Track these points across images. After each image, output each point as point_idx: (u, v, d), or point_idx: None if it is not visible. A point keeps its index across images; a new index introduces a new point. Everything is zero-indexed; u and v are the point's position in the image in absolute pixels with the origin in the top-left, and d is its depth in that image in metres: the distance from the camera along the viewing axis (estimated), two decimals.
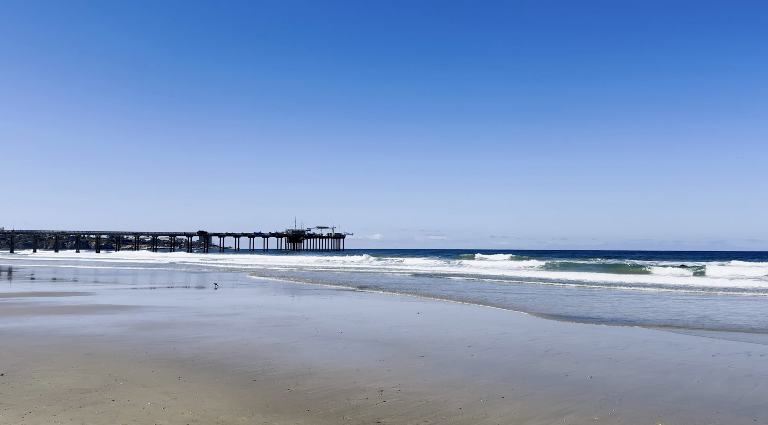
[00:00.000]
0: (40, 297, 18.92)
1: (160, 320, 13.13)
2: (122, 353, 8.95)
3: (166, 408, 5.92)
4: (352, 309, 16.41)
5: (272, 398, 6.39)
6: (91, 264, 59.20)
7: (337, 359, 8.72)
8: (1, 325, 11.80)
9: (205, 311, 15.23)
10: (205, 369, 7.82)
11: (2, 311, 14.52)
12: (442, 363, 8.49)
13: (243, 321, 13.19)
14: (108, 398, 6.24)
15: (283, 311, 15.56)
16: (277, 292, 22.72)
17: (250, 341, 10.30)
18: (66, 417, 5.52)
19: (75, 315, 13.96)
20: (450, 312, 15.61)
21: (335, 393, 6.67)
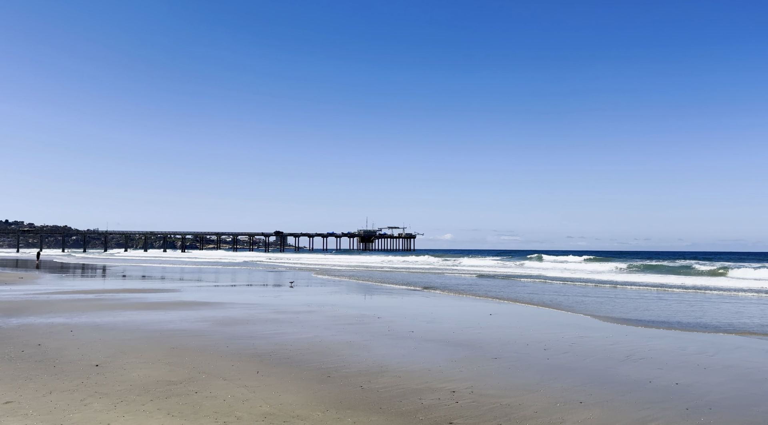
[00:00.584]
0: (131, 294, 20.18)
1: (239, 316, 13.67)
2: (205, 347, 9.38)
3: (246, 401, 6.15)
4: (422, 309, 16.39)
5: (345, 394, 6.49)
6: (175, 263, 62.55)
7: (408, 358, 8.73)
8: (96, 319, 12.69)
9: (282, 308, 15.70)
10: (281, 365, 8.06)
11: (97, 306, 15.61)
12: (516, 366, 8.30)
13: (317, 318, 13.48)
14: (191, 390, 6.57)
15: (355, 310, 15.77)
16: (349, 291, 23.06)
17: (324, 338, 10.51)
18: (153, 407, 5.86)
19: (162, 310, 14.78)
20: (523, 315, 15.25)
21: (407, 392, 6.68)
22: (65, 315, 13.35)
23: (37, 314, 13.41)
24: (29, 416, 5.42)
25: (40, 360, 8.05)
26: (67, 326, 11.45)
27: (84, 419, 5.38)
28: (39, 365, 7.71)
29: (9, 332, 10.55)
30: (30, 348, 8.95)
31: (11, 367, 7.52)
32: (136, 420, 5.37)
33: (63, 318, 12.64)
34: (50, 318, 12.74)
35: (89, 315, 13.47)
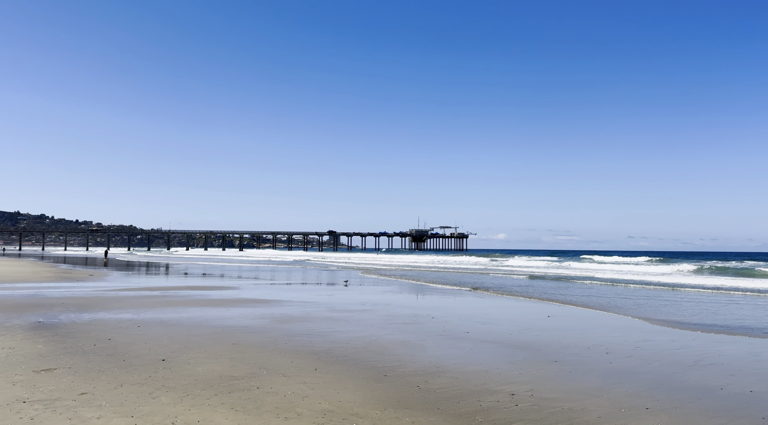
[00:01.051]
0: (193, 291, 20.91)
1: (296, 314, 13.92)
2: (264, 344, 9.60)
3: (305, 397, 6.25)
4: (476, 309, 16.20)
5: (403, 394, 6.50)
6: (232, 262, 64.37)
7: (465, 359, 8.65)
8: (161, 316, 13.21)
9: (336, 307, 15.88)
10: (338, 363, 8.15)
11: (162, 303, 16.25)
12: (577, 370, 8.08)
13: (371, 317, 13.56)
14: (253, 385, 6.73)
15: (409, 309, 15.76)
16: (401, 291, 23.08)
17: (380, 337, 10.55)
18: (218, 401, 6.04)
19: (223, 307, 15.24)
20: (581, 317, 14.82)
21: (464, 393, 6.62)
22: (132, 311, 13.97)
23: (107, 310, 14.09)
24: (103, 407, 5.70)
25: (111, 354, 8.45)
26: (134, 321, 11.98)
27: (153, 411, 5.60)
28: (110, 359, 8.09)
29: (82, 327, 11.13)
30: (101, 342, 9.41)
31: (85, 360, 7.93)
32: (201, 414, 5.55)
33: (130, 314, 13.23)
34: (119, 313, 13.36)
35: (155, 311, 14.04)
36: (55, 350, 8.59)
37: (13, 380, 6.66)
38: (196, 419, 5.39)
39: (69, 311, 13.59)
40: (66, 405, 5.70)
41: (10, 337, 9.63)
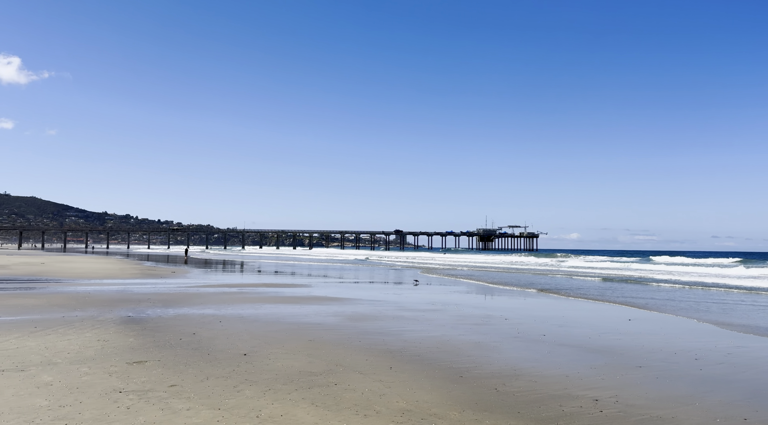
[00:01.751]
0: (267, 288, 21.56)
1: (367, 312, 14.05)
2: (339, 341, 9.75)
3: (382, 396, 6.28)
4: (551, 311, 15.74)
5: (480, 396, 6.40)
6: (302, 260, 65.88)
7: (542, 362, 8.42)
8: (240, 311, 13.70)
9: (406, 306, 15.90)
10: (412, 362, 8.14)
11: (240, 299, 16.86)
12: (664, 376, 7.67)
13: (442, 317, 13.47)
14: (331, 382, 6.84)
15: (480, 310, 15.54)
16: (470, 291, 22.79)
17: (452, 337, 10.46)
18: (298, 396, 6.18)
19: (297, 305, 15.62)
20: (665, 322, 14.07)
21: (545, 397, 6.43)
22: (213, 306, 14.57)
23: (190, 305, 14.78)
24: (191, 399, 5.96)
25: (196, 348, 8.84)
26: (216, 317, 12.49)
27: (238, 404, 5.81)
28: (195, 352, 8.47)
29: (168, 321, 11.72)
30: (186, 336, 9.87)
31: (172, 353, 8.34)
32: (284, 408, 5.70)
33: (212, 310, 13.81)
34: (201, 309, 13.97)
35: (234, 307, 14.58)
36: (145, 343, 9.09)
37: (109, 371, 7.10)
38: (279, 413, 5.54)
39: (155, 306, 14.36)
40: (158, 396, 6.01)
41: (104, 330, 10.27)
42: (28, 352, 8.09)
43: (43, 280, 23.58)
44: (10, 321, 11.04)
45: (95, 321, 11.28)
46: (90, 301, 15.16)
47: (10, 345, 8.55)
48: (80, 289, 19.20)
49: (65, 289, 19.17)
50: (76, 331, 10.03)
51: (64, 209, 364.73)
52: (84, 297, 16.19)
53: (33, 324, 10.78)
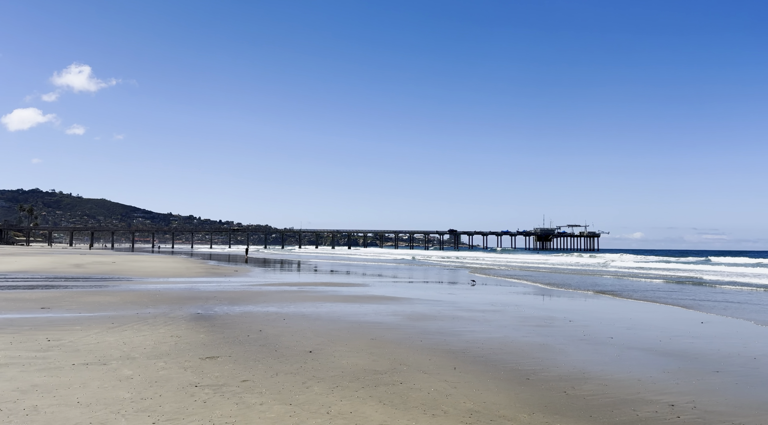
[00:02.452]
0: (326, 287, 21.90)
1: (427, 312, 14.04)
2: (400, 340, 9.79)
3: (449, 396, 6.27)
4: (616, 313, 15.24)
5: (549, 399, 6.28)
6: (355, 260, 66.46)
7: (612, 366, 8.17)
8: (302, 310, 13.98)
9: (465, 306, 15.78)
10: (476, 363, 8.08)
11: (301, 298, 17.20)
12: (745, 382, 7.30)
13: (503, 318, 13.29)
14: (396, 380, 6.89)
15: (542, 311, 15.23)
16: (529, 292, 22.36)
17: (515, 339, 10.31)
18: (365, 394, 6.26)
19: (356, 303, 15.79)
20: (740, 325, 13.35)
21: (617, 401, 6.25)
22: (276, 304, 14.94)
23: (254, 303, 15.21)
24: (263, 394, 6.14)
25: (264, 344, 9.09)
26: (280, 315, 12.80)
27: (308, 400, 5.94)
28: (263, 349, 8.71)
29: (235, 318, 12.11)
30: (253, 333, 10.17)
31: (242, 349, 8.62)
32: (352, 405, 5.79)
33: (275, 308, 14.16)
34: (265, 307, 14.35)
35: (296, 305, 14.90)
36: (215, 339, 9.43)
37: (184, 366, 7.41)
38: (348, 410, 5.63)
39: (222, 304, 14.86)
40: (232, 391, 6.23)
41: (176, 327, 10.72)
42: (107, 347, 8.55)
43: (116, 279, 24.84)
44: (89, 318, 11.70)
45: (167, 318, 11.79)
46: (160, 299, 15.86)
47: (91, 340, 9.06)
48: (150, 287, 20.11)
49: (136, 287, 20.13)
50: (150, 327, 10.52)
51: (132, 211, 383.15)
52: (155, 295, 16.95)
53: (110, 320, 11.38)
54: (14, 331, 9.66)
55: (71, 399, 5.73)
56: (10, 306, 13.45)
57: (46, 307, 13.27)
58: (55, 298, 15.40)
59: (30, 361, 7.40)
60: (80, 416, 5.23)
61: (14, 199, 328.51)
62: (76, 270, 30.25)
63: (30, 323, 10.69)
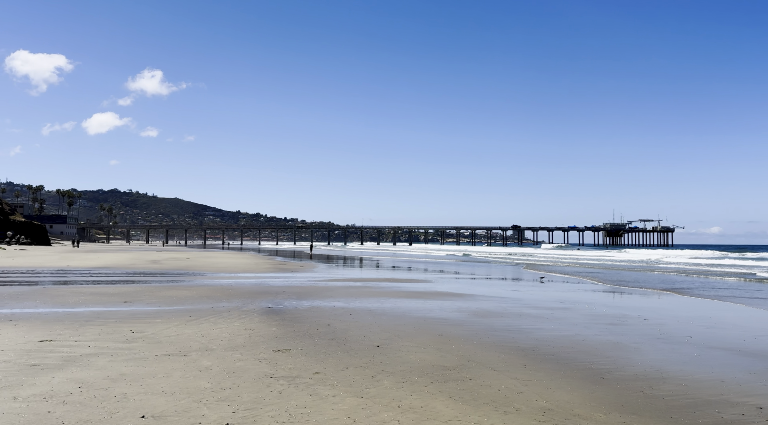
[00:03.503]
0: (389, 283, 22.05)
1: (493, 309, 13.89)
2: (467, 337, 9.75)
3: (520, 393, 6.20)
4: (694, 312, 14.51)
5: (626, 398, 6.09)
6: (416, 257, 66.43)
7: (691, 366, 7.81)
8: (368, 305, 14.16)
9: (532, 303, 15.48)
10: (547, 361, 7.93)
11: (366, 293, 17.42)
12: None
13: (573, 316, 12.96)
14: (465, 377, 6.87)
15: (614, 309, 14.73)
16: (598, 289, 21.64)
17: (587, 337, 10.04)
18: (435, 389, 6.28)
19: (420, 299, 15.83)
20: None
21: (699, 403, 5.98)
22: (342, 300, 15.20)
23: (321, 298, 15.54)
24: (335, 386, 6.29)
25: (332, 338, 9.29)
26: (346, 309, 13.03)
27: (379, 394, 6.03)
28: (332, 342, 8.91)
29: (304, 313, 12.43)
30: (322, 327, 10.40)
31: (312, 343, 8.84)
32: (423, 400, 5.83)
33: (341, 303, 14.42)
34: (331, 302, 14.64)
35: (361, 300, 15.11)
36: (287, 333, 9.72)
37: (259, 357, 7.69)
38: (419, 404, 5.67)
39: (290, 298, 15.28)
40: (305, 383, 6.41)
41: (249, 320, 11.12)
42: (187, 339, 8.99)
43: (190, 274, 26.01)
44: (169, 311, 12.32)
45: (240, 312, 12.25)
46: (233, 293, 16.49)
47: (171, 333, 9.54)
48: (223, 282, 20.93)
49: (210, 282, 21.00)
50: (225, 321, 10.96)
51: (203, 209, 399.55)
52: (227, 290, 17.64)
53: (188, 313, 11.94)
54: (101, 323, 10.33)
55: (157, 388, 6.08)
56: (96, 300, 14.37)
57: (128, 301, 14.09)
58: (136, 293, 16.32)
59: (117, 352, 7.89)
60: (165, 404, 5.54)
61: (95, 199, 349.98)
62: (153, 266, 31.90)
63: (115, 316, 11.39)
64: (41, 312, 11.82)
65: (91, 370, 6.76)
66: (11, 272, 25.12)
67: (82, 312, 11.78)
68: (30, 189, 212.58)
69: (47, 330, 9.43)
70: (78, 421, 4.97)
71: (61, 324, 10.08)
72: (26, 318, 10.88)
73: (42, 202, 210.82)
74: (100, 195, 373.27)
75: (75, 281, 20.70)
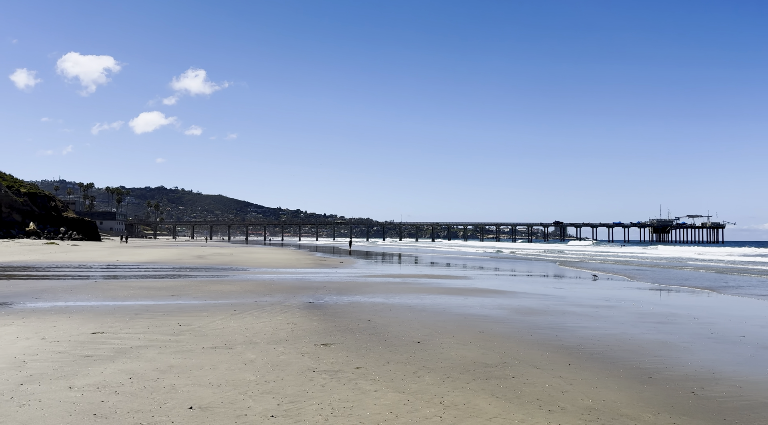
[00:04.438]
0: (428, 279, 21.99)
1: (535, 306, 13.67)
2: (509, 334, 9.63)
3: (565, 392, 6.09)
4: (747, 310, 13.94)
5: (676, 399, 5.90)
6: (456, 252, 65.99)
7: (746, 366, 7.51)
8: (407, 301, 14.16)
9: (575, 301, 15.17)
10: (592, 360, 7.76)
11: (405, 289, 17.42)
12: None
13: (619, 314, 12.64)
14: (508, 374, 6.79)
15: (662, 307, 14.29)
16: (644, 286, 21.03)
17: (634, 336, 9.77)
18: (477, 386, 6.23)
19: (460, 296, 15.72)
20: None
21: (755, 405, 5.74)
22: (382, 295, 15.25)
23: (361, 293, 15.63)
24: (377, 381, 6.32)
25: (373, 333, 9.33)
26: (386, 305, 13.06)
27: (420, 390, 6.02)
28: (373, 338, 8.94)
29: (344, 308, 12.52)
30: (363, 322, 10.46)
31: (353, 338, 8.90)
32: (465, 397, 5.79)
33: (381, 298, 14.46)
34: (371, 297, 14.70)
35: (401, 296, 15.12)
36: (328, 327, 9.82)
37: (302, 351, 7.79)
38: (461, 401, 5.64)
39: (331, 294, 15.43)
40: (347, 377, 6.46)
41: (291, 315, 11.28)
42: (232, 332, 9.18)
43: (234, 269, 26.56)
44: (214, 305, 12.62)
45: (283, 306, 12.44)
46: (275, 288, 16.76)
47: (216, 326, 9.77)
48: (265, 277, 21.30)
49: (253, 277, 21.40)
50: (268, 315, 11.15)
51: (245, 205, 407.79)
52: (269, 284, 17.94)
53: (232, 307, 12.20)
54: (150, 317, 10.66)
55: (204, 380, 6.24)
56: (144, 294, 14.84)
57: (175, 295, 14.49)
58: (182, 287, 16.77)
59: (165, 344, 8.13)
60: (212, 395, 5.67)
61: (143, 196, 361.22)
62: (198, 261, 32.72)
63: (163, 309, 11.74)
64: (93, 305, 12.29)
65: (140, 362, 6.99)
66: (65, 266, 26.20)
67: (132, 306, 12.18)
68: (81, 186, 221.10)
69: (99, 323, 9.79)
70: (129, 411, 5.15)
71: (112, 317, 10.45)
72: (80, 310, 11.33)
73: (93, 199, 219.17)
74: (147, 192, 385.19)
75: (124, 275, 21.44)
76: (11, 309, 11.32)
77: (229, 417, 5.06)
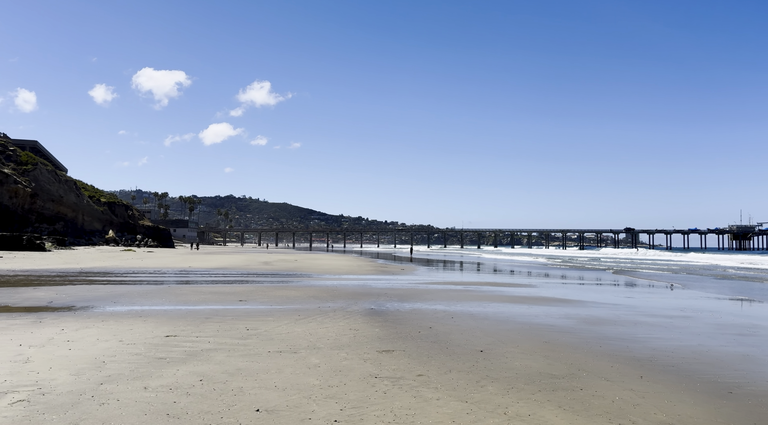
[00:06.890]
0: (491, 287, 21.64)
1: (604, 316, 13.18)
2: (576, 345, 9.32)
3: (636, 406, 5.83)
4: None
5: (759, 416, 5.53)
6: (520, 260, 64.54)
7: None
8: (469, 309, 13.99)
9: (647, 311, 14.50)
10: (666, 372, 7.40)
11: (466, 297, 17.22)
12: None
13: (695, 325, 11.98)
14: (576, 386, 6.57)
15: (741, 318, 13.43)
16: (725, 296, 19.80)
17: (711, 348, 9.23)
18: (543, 397, 6.07)
19: (524, 304, 15.37)
20: None
21: None
22: (443, 303, 15.14)
23: (422, 301, 15.58)
24: (439, 389, 6.27)
25: (435, 341, 9.27)
26: (447, 313, 12.96)
27: (483, 399, 5.93)
28: (434, 345, 8.89)
29: (406, 315, 12.53)
30: (424, 330, 10.42)
31: (415, 345, 8.88)
32: (530, 408, 5.65)
33: (442, 306, 14.36)
34: (432, 304, 14.63)
35: (462, 304, 14.96)
36: (389, 334, 9.85)
37: (364, 357, 7.85)
38: (527, 412, 5.51)
39: (392, 300, 15.47)
40: (408, 384, 6.45)
41: (353, 321, 11.39)
42: (296, 337, 9.38)
43: (298, 275, 27.14)
44: (279, 310, 12.93)
45: (345, 312, 12.59)
46: (337, 294, 16.98)
47: (282, 330, 10.00)
48: (328, 283, 21.64)
49: (316, 283, 21.79)
50: (331, 320, 11.31)
51: (309, 213, 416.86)
52: (332, 290, 18.20)
53: (296, 312, 12.46)
54: (219, 321, 11.05)
55: (269, 383, 6.40)
56: (214, 298, 15.41)
57: (243, 300, 14.96)
58: (249, 292, 17.29)
59: (233, 347, 8.40)
60: (278, 399, 5.81)
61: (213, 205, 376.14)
62: (264, 268, 33.66)
63: (231, 314, 12.14)
64: (166, 309, 12.88)
65: (210, 364, 7.25)
66: (141, 272, 27.61)
67: (202, 310, 12.67)
68: (156, 196, 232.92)
69: (172, 326, 10.25)
70: (200, 412, 5.35)
71: (183, 321, 10.91)
72: (154, 314, 11.90)
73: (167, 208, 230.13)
74: (217, 200, 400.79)
75: (195, 281, 22.35)
76: (92, 313, 12.03)
77: (294, 420, 5.16)
